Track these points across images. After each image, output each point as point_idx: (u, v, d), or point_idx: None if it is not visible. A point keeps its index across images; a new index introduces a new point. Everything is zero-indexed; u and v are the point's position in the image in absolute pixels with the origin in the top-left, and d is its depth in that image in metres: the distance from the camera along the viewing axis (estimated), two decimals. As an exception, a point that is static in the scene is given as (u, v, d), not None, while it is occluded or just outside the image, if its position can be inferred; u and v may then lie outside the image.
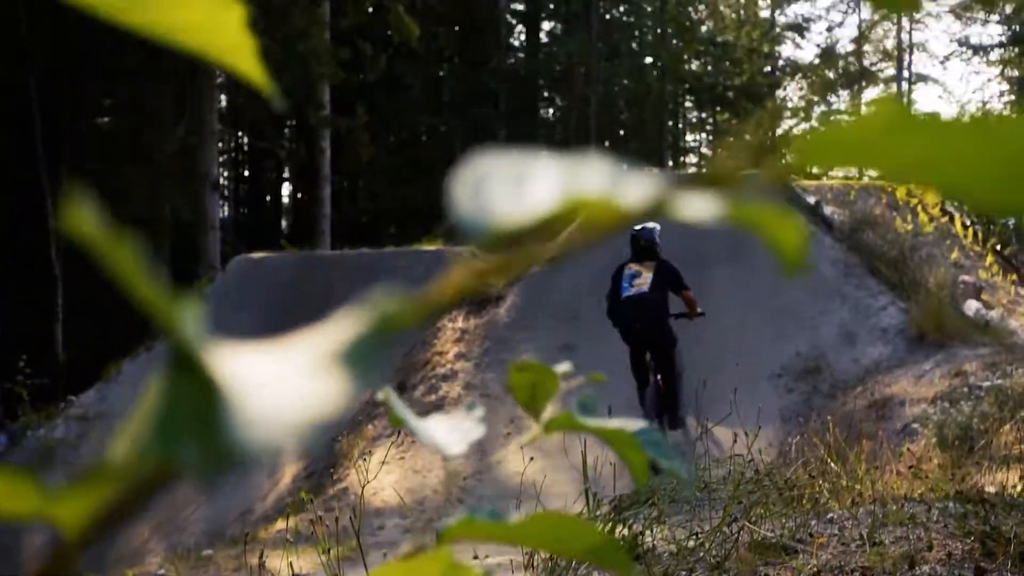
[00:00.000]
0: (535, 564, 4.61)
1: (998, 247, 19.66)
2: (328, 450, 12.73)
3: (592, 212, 0.36)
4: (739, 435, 6.01)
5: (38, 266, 22.50)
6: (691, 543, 4.55)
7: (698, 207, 0.36)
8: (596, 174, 0.38)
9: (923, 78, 49.71)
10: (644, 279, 10.41)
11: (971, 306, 14.53)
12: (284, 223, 41.22)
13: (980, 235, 19.29)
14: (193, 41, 0.50)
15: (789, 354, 13.37)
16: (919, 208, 18.90)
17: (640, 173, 0.38)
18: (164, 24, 0.49)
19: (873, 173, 0.35)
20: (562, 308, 14.35)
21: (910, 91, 49.08)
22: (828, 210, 16.60)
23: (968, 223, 19.43)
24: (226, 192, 35.67)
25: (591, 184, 0.37)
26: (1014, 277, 18.25)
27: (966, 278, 15.60)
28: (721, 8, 45.65)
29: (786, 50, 49.26)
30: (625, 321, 10.47)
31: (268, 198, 39.71)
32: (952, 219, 19.69)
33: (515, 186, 0.37)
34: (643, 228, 10.42)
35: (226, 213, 34.15)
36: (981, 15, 47.28)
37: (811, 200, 16.55)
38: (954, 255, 17.46)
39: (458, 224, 0.36)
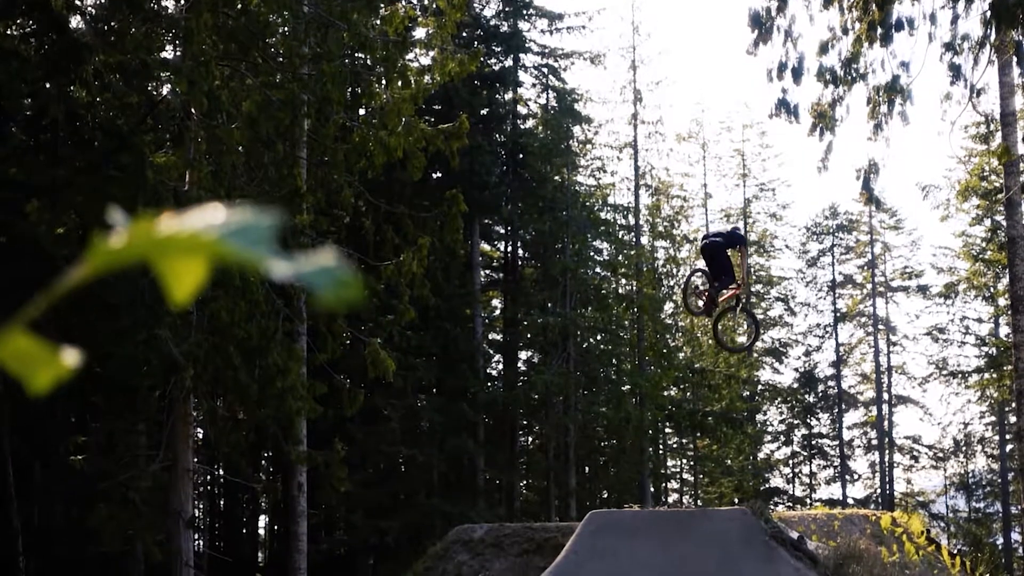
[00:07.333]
0: None
1: (987, 575, 19.18)
2: None
3: None
4: None
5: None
6: None
7: None
8: None
9: (903, 400, 49.94)
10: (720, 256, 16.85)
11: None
12: (260, 556, 40.37)
13: (968, 564, 18.83)
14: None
15: None
16: (904, 538, 18.53)
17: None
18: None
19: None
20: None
21: (891, 413, 49.26)
22: (812, 544, 16.18)
23: (955, 551, 19.03)
24: (201, 526, 35.03)
25: None
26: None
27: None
28: (698, 335, 46.40)
29: (765, 375, 49.75)
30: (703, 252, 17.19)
31: (244, 531, 39.02)
32: (939, 547, 19.27)
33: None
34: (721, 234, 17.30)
35: (200, 547, 33.43)
36: (958, 337, 48.00)
37: (794, 534, 16.14)
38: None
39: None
